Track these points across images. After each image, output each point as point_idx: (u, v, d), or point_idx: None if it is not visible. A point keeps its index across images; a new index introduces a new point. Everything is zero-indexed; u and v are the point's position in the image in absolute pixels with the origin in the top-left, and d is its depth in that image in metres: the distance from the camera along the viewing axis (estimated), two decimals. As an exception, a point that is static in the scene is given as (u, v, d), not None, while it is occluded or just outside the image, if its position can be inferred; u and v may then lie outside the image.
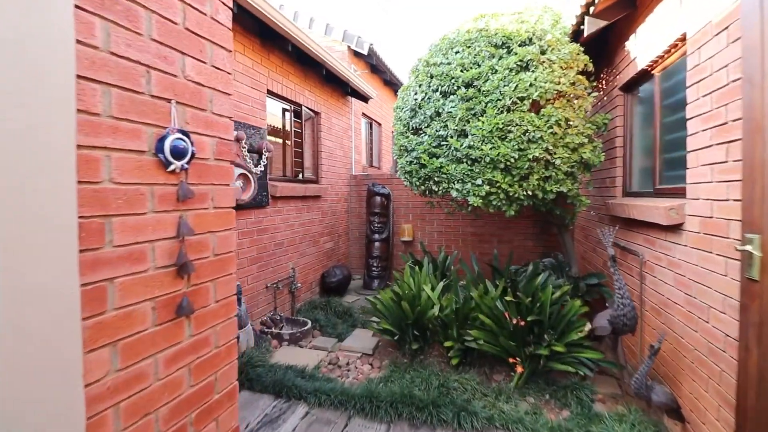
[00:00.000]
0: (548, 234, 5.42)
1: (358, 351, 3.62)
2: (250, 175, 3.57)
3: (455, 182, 3.19)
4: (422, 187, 3.58)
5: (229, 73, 1.62)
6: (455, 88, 3.29)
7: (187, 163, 1.38)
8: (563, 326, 2.97)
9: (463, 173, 3.11)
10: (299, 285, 4.60)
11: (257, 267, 3.96)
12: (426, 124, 3.50)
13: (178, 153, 1.33)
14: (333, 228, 5.69)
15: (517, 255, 5.40)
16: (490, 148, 2.94)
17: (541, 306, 2.96)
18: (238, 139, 3.37)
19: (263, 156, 3.79)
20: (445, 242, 5.82)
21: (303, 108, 4.85)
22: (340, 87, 5.74)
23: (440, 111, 3.37)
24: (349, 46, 6.64)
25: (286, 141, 4.77)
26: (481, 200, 3.03)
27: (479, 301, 3.06)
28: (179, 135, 1.34)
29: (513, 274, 3.88)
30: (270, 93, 4.19)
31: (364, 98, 6.27)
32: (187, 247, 1.39)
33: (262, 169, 3.73)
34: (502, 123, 2.94)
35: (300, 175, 4.91)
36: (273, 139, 4.49)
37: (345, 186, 6.16)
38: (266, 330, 3.89)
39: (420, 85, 3.61)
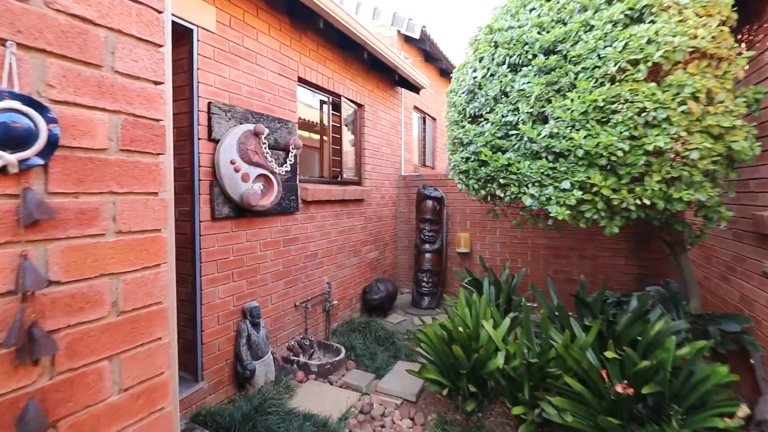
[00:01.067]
0: (648, 251, 4.25)
1: (397, 396, 2.90)
2: (272, 176, 3.01)
3: (529, 185, 2.33)
4: (482, 192, 2.74)
5: (157, 11, 0.98)
6: (529, 57, 2.43)
7: (43, 156, 0.76)
8: (694, 400, 2.00)
9: (542, 173, 2.24)
10: (335, 302, 3.99)
11: (284, 283, 3.40)
12: (488, 109, 2.67)
13: (9, 138, 0.71)
14: (378, 235, 5.02)
15: (605, 276, 4.30)
16: (585, 137, 2.05)
17: (658, 367, 2.01)
18: (257, 134, 2.81)
19: (290, 154, 3.22)
20: (509, 256, 4.87)
21: (343, 99, 4.23)
22: (387, 75, 5.05)
23: (508, 90, 2.53)
24: (398, 31, 5.93)
25: (324, 137, 4.18)
26: (568, 211, 2.13)
27: (563, 352, 2.17)
28: (13, 104, 0.71)
29: (604, 306, 2.89)
30: (302, 81, 3.62)
31: (416, 88, 5.52)
32: (50, 307, 0.77)
33: (288, 168, 3.16)
34: (603, 99, 2.03)
35: (339, 176, 4.30)
36: (304, 134, 3.92)
37: (393, 188, 5.46)
38: (292, 358, 3.31)
39: (481, 59, 2.79)
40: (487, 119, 2.65)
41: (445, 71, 7.57)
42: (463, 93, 2.91)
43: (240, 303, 2.95)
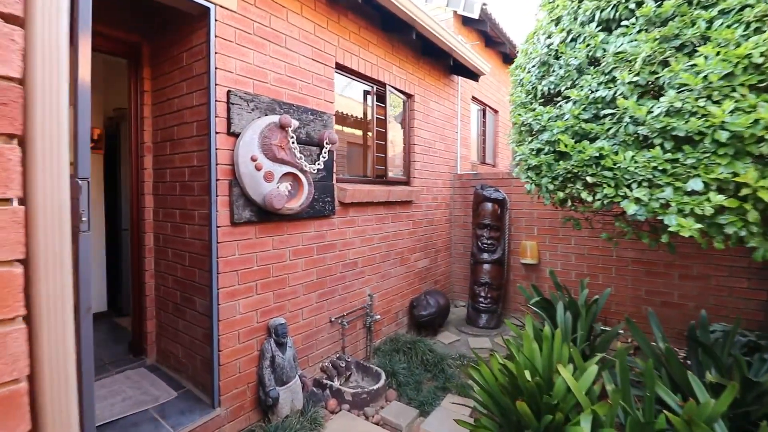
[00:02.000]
0: (786, 270, 3.22)
1: (443, 445, 2.35)
2: (301, 175, 2.62)
3: (632, 185, 1.65)
4: (559, 194, 2.09)
5: None
6: (631, 7, 1.76)
7: None
8: None
9: (654, 168, 1.56)
10: (378, 317, 3.53)
11: (317, 295, 3.01)
12: (568, 83, 2.02)
13: None
14: (428, 242, 4.48)
15: (717, 302, 3.36)
16: (731, 112, 1.35)
17: None
18: (283, 126, 2.44)
19: (324, 149, 2.81)
20: (587, 270, 4.05)
21: (389, 89, 3.76)
22: (440, 61, 4.48)
23: (598, 55, 1.86)
24: (455, 12, 5.31)
25: (367, 131, 3.75)
26: (698, 225, 1.43)
27: (682, 428, 1.48)
28: None
29: (718, 346, 2.09)
30: (340, 68, 3.21)
31: (475, 75, 4.87)
32: None
33: (322, 166, 2.75)
34: (762, 53, 1.32)
35: (384, 175, 3.83)
36: (340, 129, 3.51)
37: (446, 188, 4.88)
38: (324, 381, 2.91)
39: (557, 21, 2.14)
40: (568, 97, 2.00)
41: (508, 57, 6.77)
42: (534, 67, 2.28)
43: (265, 319, 2.61)
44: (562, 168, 1.94)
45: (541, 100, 2.25)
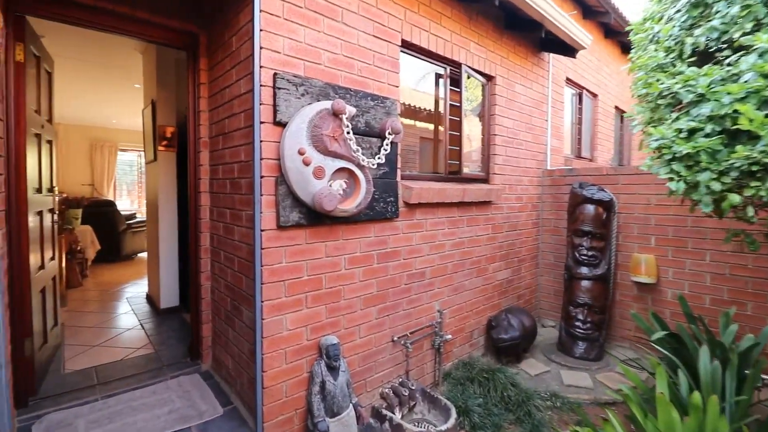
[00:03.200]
0: None
1: None
2: (358, 171, 2.22)
3: None
4: (733, 197, 1.36)
5: None
6: None
7: None
8: None
9: None
10: (449, 336, 3.02)
11: (377, 310, 2.61)
12: (749, 25, 1.31)
13: None
14: (510, 249, 3.82)
15: None
16: None
17: None
18: (336, 113, 2.06)
19: (386, 140, 2.38)
20: (729, 296, 3.06)
21: (465, 69, 3.20)
22: (529, 34, 3.78)
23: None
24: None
25: (438, 120, 3.24)
26: None
27: None
28: None
29: None
30: (407, 46, 2.75)
31: (571, 50, 4.06)
32: None
33: (383, 160, 2.32)
34: None
35: (458, 171, 3.29)
36: (406, 121, 3.04)
37: (533, 186, 4.15)
38: (384, 412, 2.48)
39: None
40: (748, 47, 1.29)
41: (612, 30, 5.69)
42: (679, 12, 1.57)
43: (316, 336, 2.27)
44: (739, 157, 1.24)
45: (692, 59, 1.55)
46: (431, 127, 3.43)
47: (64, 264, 4.67)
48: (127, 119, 8.06)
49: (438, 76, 3.18)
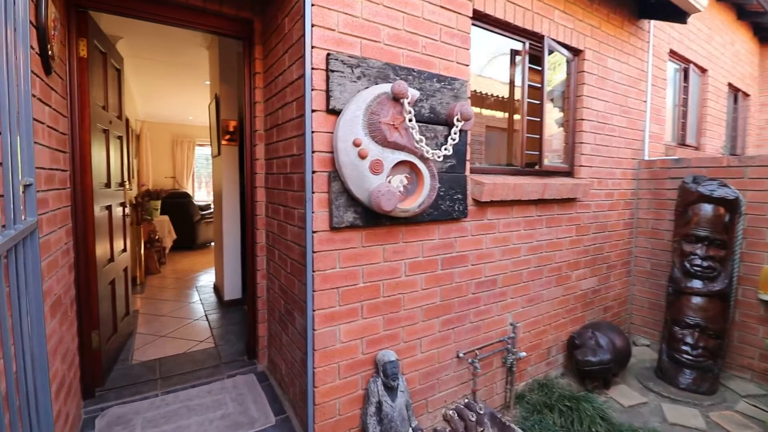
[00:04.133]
0: None
1: None
2: (421, 165, 1.92)
3: None
4: None
5: None
6: None
7: None
8: None
9: None
10: (523, 354, 2.62)
11: (441, 323, 2.30)
12: None
13: None
14: (597, 254, 3.27)
15: None
16: None
17: None
18: (396, 97, 1.77)
19: (454, 129, 2.04)
20: None
21: (547, 43, 2.72)
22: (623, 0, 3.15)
23: None
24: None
25: (515, 105, 2.81)
26: None
27: None
28: None
29: None
30: (479, 17, 2.36)
31: (681, 15, 3.33)
32: None
33: (450, 152, 1.99)
34: None
35: (537, 163, 2.84)
36: (477, 110, 2.65)
37: (627, 180, 3.52)
38: (446, 438, 2.19)
39: None
40: None
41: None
42: None
43: (372, 350, 2.03)
44: None
45: None
46: (499, 114, 3.01)
47: (143, 252, 4.98)
48: (202, 116, 8.52)
49: (514, 53, 2.74)
